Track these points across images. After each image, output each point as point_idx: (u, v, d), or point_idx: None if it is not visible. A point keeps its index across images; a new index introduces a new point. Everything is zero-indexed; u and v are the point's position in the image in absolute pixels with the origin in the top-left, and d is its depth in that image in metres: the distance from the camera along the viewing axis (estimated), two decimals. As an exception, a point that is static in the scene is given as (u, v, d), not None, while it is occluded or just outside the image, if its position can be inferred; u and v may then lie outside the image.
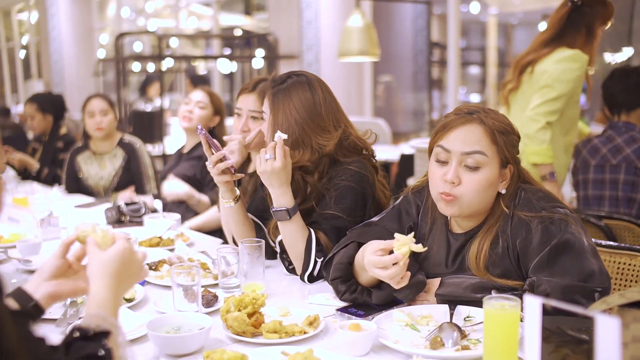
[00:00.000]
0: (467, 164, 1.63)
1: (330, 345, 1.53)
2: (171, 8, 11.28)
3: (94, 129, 3.86)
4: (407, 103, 9.00)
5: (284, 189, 1.92)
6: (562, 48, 3.01)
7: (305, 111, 2.00)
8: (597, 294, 1.51)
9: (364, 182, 2.02)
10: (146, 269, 1.32)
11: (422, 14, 8.46)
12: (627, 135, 3.03)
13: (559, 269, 1.54)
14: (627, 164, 2.98)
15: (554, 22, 3.05)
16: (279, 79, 2.07)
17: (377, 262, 1.59)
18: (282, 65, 7.55)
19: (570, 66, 2.97)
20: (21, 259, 2.27)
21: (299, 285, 2.01)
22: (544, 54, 3.02)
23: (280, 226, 1.99)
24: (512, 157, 1.68)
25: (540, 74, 3.00)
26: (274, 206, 1.95)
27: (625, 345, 1.16)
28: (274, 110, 2.03)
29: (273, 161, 1.88)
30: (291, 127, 1.99)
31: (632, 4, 8.16)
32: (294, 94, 2.02)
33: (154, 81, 8.43)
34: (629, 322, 1.18)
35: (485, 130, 1.63)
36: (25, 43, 13.09)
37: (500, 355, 1.25)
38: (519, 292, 1.56)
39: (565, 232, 1.56)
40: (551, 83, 2.96)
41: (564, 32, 3.02)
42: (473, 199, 1.63)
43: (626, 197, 2.99)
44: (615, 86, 3.10)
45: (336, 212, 1.98)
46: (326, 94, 2.06)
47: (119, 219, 2.91)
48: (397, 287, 1.62)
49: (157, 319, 1.57)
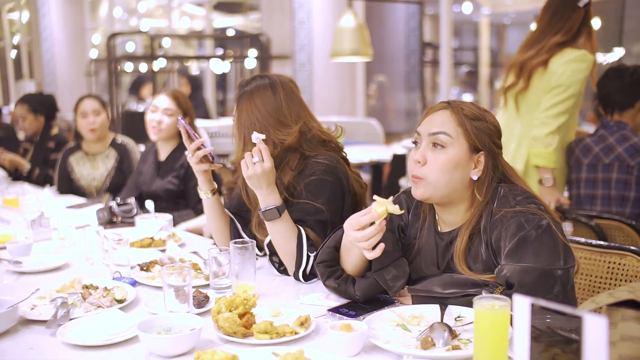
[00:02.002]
0: (433, 142, 1.69)
1: (321, 345, 1.53)
2: (163, 8, 11.26)
3: (87, 129, 3.85)
4: (400, 103, 9.02)
5: (271, 189, 1.98)
6: (569, 49, 3.05)
7: (265, 109, 2.11)
8: (558, 272, 1.53)
9: (336, 174, 2.09)
10: None
11: (414, 14, 8.47)
12: (618, 134, 3.04)
13: (525, 256, 1.56)
14: (619, 163, 3.00)
15: (570, 26, 3.07)
16: (245, 82, 2.19)
17: (354, 223, 1.64)
18: (275, 66, 7.55)
19: (579, 66, 3.02)
20: (11, 260, 2.26)
21: (290, 285, 2.02)
22: (553, 54, 3.05)
23: (270, 226, 2.01)
24: (483, 144, 1.70)
25: (551, 74, 3.04)
26: (262, 207, 1.98)
27: (614, 344, 1.17)
28: (238, 109, 2.16)
29: (262, 163, 1.94)
30: (253, 124, 2.10)
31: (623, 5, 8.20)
32: (256, 94, 2.13)
33: (147, 82, 8.42)
34: (617, 321, 1.19)
35: (453, 113, 1.70)
36: (17, 43, 13.03)
37: (490, 355, 1.25)
38: (490, 286, 1.58)
39: (536, 225, 1.58)
40: (562, 84, 3.01)
41: (578, 34, 3.09)
42: (438, 178, 1.67)
43: (619, 195, 3.01)
44: (610, 85, 3.12)
45: (316, 206, 2.03)
46: (288, 92, 2.15)
47: (111, 219, 2.90)
48: (370, 256, 1.64)
49: (148, 320, 1.56)
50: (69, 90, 9.91)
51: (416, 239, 1.83)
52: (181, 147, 3.31)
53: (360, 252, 1.71)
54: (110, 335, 1.56)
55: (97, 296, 1.80)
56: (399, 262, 1.76)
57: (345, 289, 1.77)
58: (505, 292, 1.54)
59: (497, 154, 1.73)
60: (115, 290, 1.86)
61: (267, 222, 2.00)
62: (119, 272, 2.04)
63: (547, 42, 3.09)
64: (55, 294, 1.87)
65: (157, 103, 3.26)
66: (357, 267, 1.78)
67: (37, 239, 2.58)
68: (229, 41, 11.53)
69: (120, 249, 2.05)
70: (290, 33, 7.35)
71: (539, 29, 3.16)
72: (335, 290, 1.80)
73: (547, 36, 3.09)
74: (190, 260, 2.18)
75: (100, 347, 1.54)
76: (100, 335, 1.57)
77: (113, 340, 1.55)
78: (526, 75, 3.10)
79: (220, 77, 10.75)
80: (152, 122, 3.24)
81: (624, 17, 8.30)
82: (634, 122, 3.09)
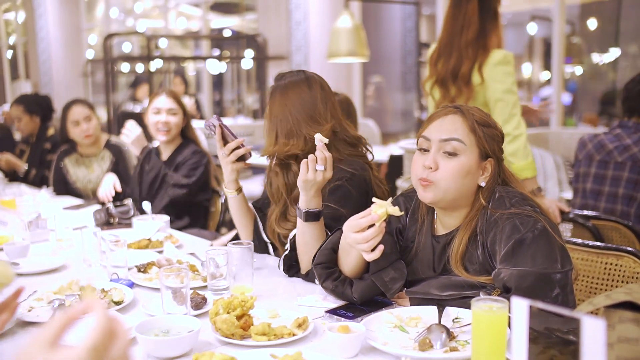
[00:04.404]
0: (445, 150, 1.67)
1: (319, 347, 1.53)
2: (160, 8, 11.24)
3: (82, 137, 3.82)
4: (396, 104, 9.02)
5: (317, 193, 1.95)
6: (494, 50, 2.92)
7: (300, 103, 2.10)
8: (556, 276, 1.53)
9: (361, 184, 2.09)
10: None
11: (410, 15, 8.48)
12: (636, 135, 3.05)
13: (522, 259, 1.56)
14: (632, 162, 3.01)
15: (471, 20, 2.94)
16: (280, 76, 2.19)
17: (353, 225, 1.64)
18: (271, 66, 7.55)
19: (509, 69, 2.89)
20: (9, 262, 2.25)
21: (288, 287, 2.02)
22: (485, 57, 2.91)
23: (305, 227, 1.98)
24: (493, 150, 1.71)
25: (488, 82, 2.89)
26: (304, 207, 1.95)
27: (611, 345, 1.17)
28: (270, 102, 2.15)
29: (324, 172, 1.91)
30: (285, 118, 2.10)
31: (619, 6, 8.21)
32: (291, 87, 2.13)
33: (143, 83, 8.41)
34: (614, 322, 1.19)
35: (464, 119, 1.69)
36: (13, 43, 13.00)
37: (488, 356, 1.26)
38: (488, 288, 1.58)
39: (532, 227, 1.58)
40: (500, 96, 2.86)
41: (484, 27, 2.94)
42: (450, 185, 1.66)
43: (628, 194, 3.01)
44: (633, 89, 3.11)
45: (341, 212, 2.02)
46: (325, 89, 2.16)
47: (108, 220, 2.90)
48: (370, 258, 1.64)
49: (146, 322, 1.56)
50: (65, 91, 9.88)
51: (414, 242, 1.83)
52: (183, 146, 3.31)
53: (358, 254, 1.71)
54: (108, 338, 1.56)
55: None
56: (397, 264, 1.76)
57: (342, 291, 1.77)
58: (502, 295, 1.53)
59: (501, 160, 1.74)
60: (112, 292, 1.85)
61: (303, 222, 1.97)
62: (117, 274, 2.04)
63: (458, 43, 2.96)
64: (53, 296, 1.87)
65: (159, 105, 3.23)
66: (355, 268, 1.78)
67: (34, 241, 2.58)
68: (225, 42, 11.51)
69: (117, 250, 2.05)
70: (286, 34, 7.35)
71: (444, 30, 3.05)
72: (332, 292, 1.80)
73: (456, 37, 2.97)
74: (187, 261, 2.18)
75: (98, 349, 1.53)
76: (98, 337, 1.56)
77: (111, 343, 1.54)
78: (463, 84, 2.93)
79: (216, 77, 10.74)
80: (157, 124, 3.22)
81: (620, 18, 8.32)
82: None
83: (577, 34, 9.11)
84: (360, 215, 1.65)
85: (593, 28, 8.92)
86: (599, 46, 8.95)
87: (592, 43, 8.97)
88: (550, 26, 6.17)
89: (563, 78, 6.15)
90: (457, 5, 3.02)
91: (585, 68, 9.12)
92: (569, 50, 7.81)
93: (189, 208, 3.27)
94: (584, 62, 8.97)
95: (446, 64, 2.99)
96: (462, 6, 2.99)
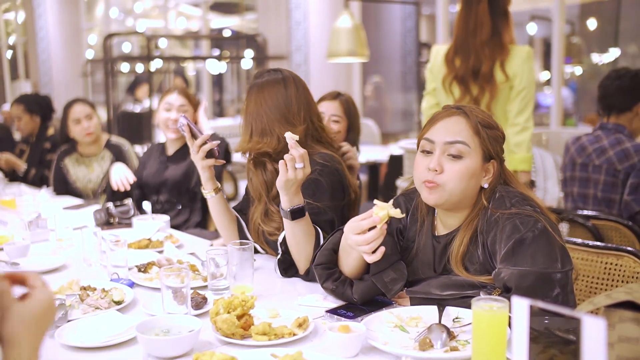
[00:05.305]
0: (450, 152, 1.67)
1: (320, 347, 1.53)
2: (160, 8, 11.24)
3: (83, 135, 3.82)
4: (396, 104, 9.01)
5: (297, 190, 1.95)
6: (514, 45, 3.08)
7: (273, 103, 2.13)
8: (557, 276, 1.53)
9: (332, 173, 2.11)
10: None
11: (410, 15, 8.47)
12: (613, 137, 3.05)
13: (522, 259, 1.56)
14: (608, 165, 3.00)
15: (483, 20, 3.05)
16: (259, 74, 2.21)
17: (354, 227, 1.64)
18: (271, 66, 7.54)
19: (531, 65, 3.07)
20: (9, 261, 2.26)
21: (289, 286, 2.02)
22: (505, 55, 3.05)
23: (293, 226, 1.97)
24: (496, 152, 1.71)
25: (512, 77, 3.06)
26: (288, 207, 1.94)
27: (611, 345, 1.17)
28: (247, 99, 2.18)
29: (303, 169, 1.89)
30: (260, 116, 2.13)
31: (619, 6, 8.21)
32: (267, 87, 2.15)
33: (143, 83, 8.41)
34: (615, 322, 1.19)
35: (468, 121, 1.68)
36: (12, 43, 12.99)
37: (488, 356, 1.26)
38: (488, 288, 1.58)
39: (532, 227, 1.58)
40: (526, 85, 3.05)
41: (496, 26, 3.07)
42: (455, 187, 1.66)
43: (606, 197, 3.01)
44: (610, 86, 3.11)
45: (318, 206, 2.05)
46: (300, 90, 2.17)
47: (108, 220, 2.90)
48: (371, 259, 1.64)
49: (146, 322, 1.56)
50: (65, 91, 9.87)
51: (414, 242, 1.83)
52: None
53: (359, 255, 1.71)
54: (109, 337, 1.56)
55: (95, 298, 1.80)
56: (398, 265, 1.76)
57: (342, 292, 1.77)
58: (503, 295, 1.54)
59: (503, 161, 1.75)
60: (113, 292, 1.85)
61: (290, 221, 1.96)
62: (117, 274, 2.04)
63: (474, 43, 3.06)
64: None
65: (171, 101, 3.24)
66: (355, 269, 1.78)
67: (34, 240, 2.58)
68: (225, 42, 11.51)
69: (117, 250, 2.05)
70: (286, 34, 7.35)
71: (457, 29, 3.14)
72: (333, 292, 1.80)
73: (470, 38, 3.07)
74: (188, 261, 2.18)
75: (98, 348, 1.54)
76: (98, 337, 1.57)
77: (111, 342, 1.55)
78: (484, 82, 3.05)
79: (216, 77, 10.74)
80: (168, 120, 3.22)
81: (620, 18, 8.32)
82: (631, 126, 3.09)
83: (576, 34, 9.12)
84: (362, 217, 1.65)
85: (593, 28, 8.92)
86: (598, 46, 8.96)
87: (591, 43, 8.97)
88: (550, 26, 6.18)
89: (563, 78, 6.15)
90: (467, 7, 3.11)
91: (584, 68, 9.13)
92: (568, 50, 7.81)
93: (192, 203, 3.27)
94: (584, 62, 8.97)
95: (465, 62, 3.10)
96: (472, 7, 3.07)
